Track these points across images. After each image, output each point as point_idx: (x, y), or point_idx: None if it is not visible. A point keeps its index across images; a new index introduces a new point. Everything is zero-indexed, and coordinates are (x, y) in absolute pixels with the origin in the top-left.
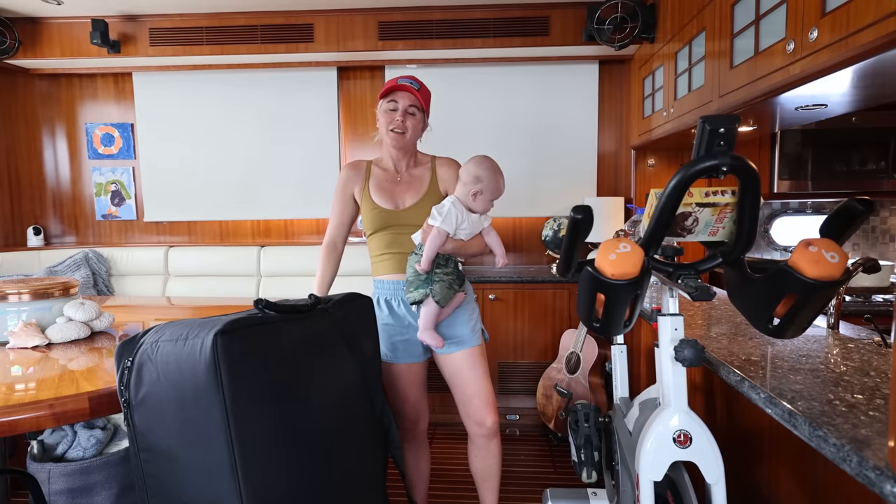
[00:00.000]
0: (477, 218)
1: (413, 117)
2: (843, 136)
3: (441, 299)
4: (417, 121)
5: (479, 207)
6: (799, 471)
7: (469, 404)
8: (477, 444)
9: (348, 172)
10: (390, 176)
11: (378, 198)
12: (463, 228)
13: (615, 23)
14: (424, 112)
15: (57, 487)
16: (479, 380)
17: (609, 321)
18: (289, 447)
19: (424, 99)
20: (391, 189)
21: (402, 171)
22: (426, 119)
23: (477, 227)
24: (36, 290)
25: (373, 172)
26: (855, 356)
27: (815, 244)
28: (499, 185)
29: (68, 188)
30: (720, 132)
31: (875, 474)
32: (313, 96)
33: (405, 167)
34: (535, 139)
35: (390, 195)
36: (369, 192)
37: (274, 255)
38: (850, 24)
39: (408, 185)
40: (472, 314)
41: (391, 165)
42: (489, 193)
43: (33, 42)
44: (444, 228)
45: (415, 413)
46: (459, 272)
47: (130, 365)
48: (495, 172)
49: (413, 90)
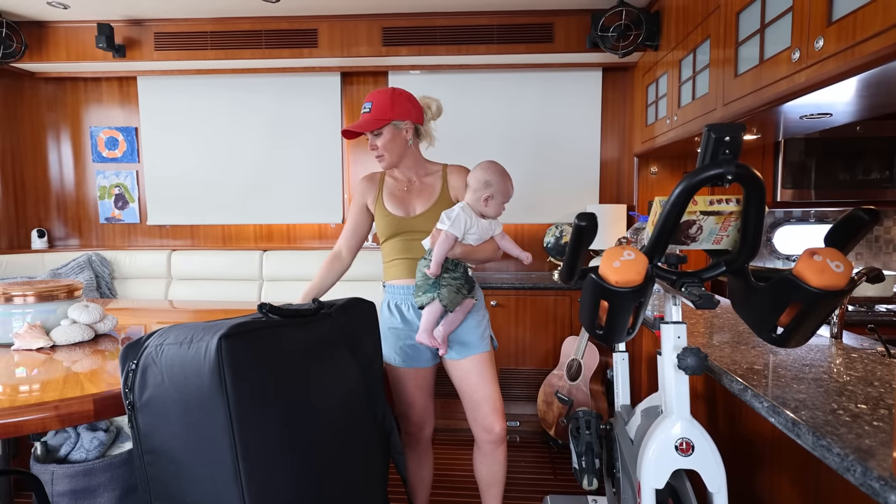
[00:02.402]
0: (487, 224)
1: (380, 137)
2: (846, 145)
3: (448, 303)
4: (388, 137)
5: (492, 212)
6: (800, 480)
7: (477, 410)
8: (483, 451)
9: (363, 184)
10: (402, 184)
11: (390, 205)
12: (472, 233)
13: (619, 30)
14: (386, 121)
15: (60, 489)
16: (488, 386)
17: (612, 328)
18: (292, 451)
19: (380, 113)
20: (403, 196)
21: (413, 180)
22: (401, 124)
23: (487, 233)
24: (41, 293)
25: (386, 182)
26: (858, 366)
27: (821, 253)
28: (508, 188)
29: (72, 191)
30: (725, 140)
31: (880, 484)
32: (317, 101)
33: (416, 176)
34: (538, 146)
35: (402, 202)
36: (382, 201)
37: (276, 259)
38: (857, 33)
39: (419, 193)
40: (482, 320)
41: (403, 177)
42: (500, 197)
43: (39, 46)
44: (452, 232)
45: (420, 418)
46: (469, 277)
47: (135, 367)
48: (503, 176)
49: (364, 118)
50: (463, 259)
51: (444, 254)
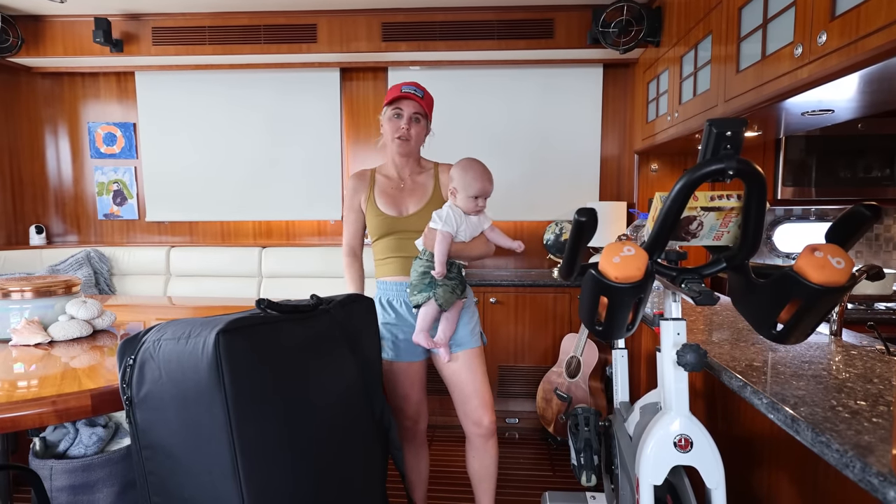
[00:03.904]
0: (476, 220)
1: (417, 124)
2: (848, 142)
3: (444, 303)
4: (421, 128)
5: (462, 206)
6: (799, 476)
7: (467, 404)
8: (474, 445)
9: (353, 183)
10: (394, 183)
11: (383, 205)
12: (462, 230)
13: (620, 26)
14: (428, 118)
15: (59, 484)
16: (477, 381)
17: (612, 324)
18: (291, 447)
19: (427, 105)
20: (395, 196)
21: (405, 178)
22: (429, 125)
23: (476, 229)
24: (39, 288)
25: (377, 180)
26: (858, 363)
27: (821, 249)
28: (468, 181)
29: (70, 187)
30: (727, 135)
31: (878, 480)
32: (316, 97)
33: (409, 174)
34: (538, 142)
35: (394, 202)
36: (374, 200)
37: (275, 256)
38: (860, 28)
39: (411, 192)
40: (472, 317)
41: (395, 173)
42: (463, 191)
43: (36, 40)
44: (446, 230)
45: (415, 412)
46: (462, 277)
47: (133, 363)
48: (466, 170)
49: (417, 98)
50: (456, 257)
51: (445, 253)
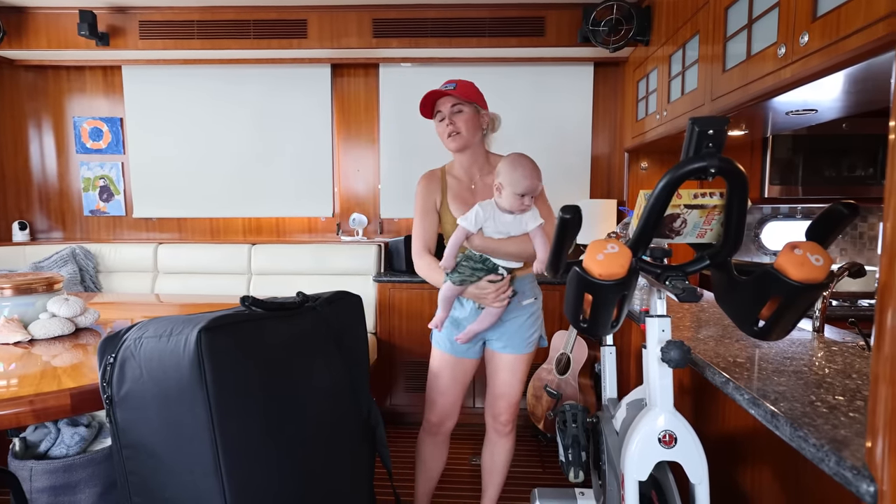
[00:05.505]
0: (511, 219)
1: (461, 114)
2: (833, 142)
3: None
4: (469, 115)
5: (505, 203)
6: (781, 471)
7: (495, 400)
8: (490, 438)
9: (426, 184)
10: (465, 185)
11: (457, 210)
12: (489, 227)
13: (610, 25)
14: (473, 104)
15: (39, 485)
16: (514, 385)
17: (596, 321)
18: (276, 445)
19: (465, 93)
20: (468, 199)
21: (476, 180)
22: (482, 111)
23: (514, 229)
24: (18, 286)
25: (448, 183)
26: (838, 359)
27: (801, 247)
28: (516, 178)
29: (55, 183)
30: (709, 134)
31: (852, 474)
32: (306, 93)
33: (478, 174)
34: (529, 140)
35: (468, 206)
36: (448, 205)
37: (265, 253)
38: (841, 29)
39: (482, 195)
40: (532, 325)
41: (463, 174)
42: (509, 187)
43: (19, 32)
44: (461, 224)
45: (445, 411)
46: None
47: (113, 361)
48: (513, 166)
49: (448, 91)
50: (483, 252)
51: (455, 246)
